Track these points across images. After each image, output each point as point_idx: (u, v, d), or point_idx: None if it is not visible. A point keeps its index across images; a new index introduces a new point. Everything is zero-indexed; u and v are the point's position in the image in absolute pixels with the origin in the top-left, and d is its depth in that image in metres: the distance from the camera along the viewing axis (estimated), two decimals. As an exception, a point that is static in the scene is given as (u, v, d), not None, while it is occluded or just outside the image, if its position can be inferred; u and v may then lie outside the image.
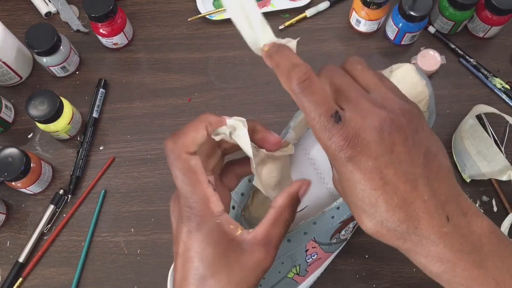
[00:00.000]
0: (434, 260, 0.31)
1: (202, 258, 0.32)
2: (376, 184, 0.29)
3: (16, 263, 0.55)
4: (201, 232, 0.32)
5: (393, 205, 0.29)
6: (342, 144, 0.29)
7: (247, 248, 0.32)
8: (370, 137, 0.29)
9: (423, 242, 0.30)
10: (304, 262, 0.47)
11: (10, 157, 0.53)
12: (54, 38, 0.58)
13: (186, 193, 0.32)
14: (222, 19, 0.66)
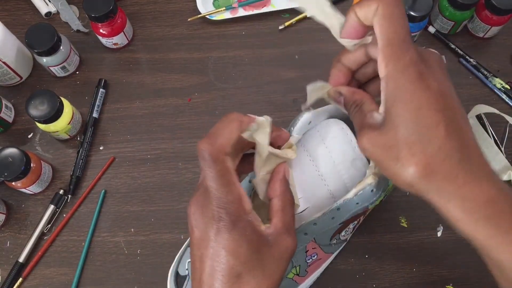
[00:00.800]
0: (484, 198, 0.31)
1: (238, 256, 0.32)
2: (440, 106, 0.30)
3: (16, 263, 0.55)
4: (236, 231, 0.32)
5: (451, 131, 0.30)
6: (416, 58, 0.31)
7: (273, 240, 0.34)
8: (435, 62, 0.32)
9: (477, 175, 0.30)
10: (304, 262, 0.47)
11: (10, 157, 0.53)
12: (54, 38, 0.58)
13: (221, 194, 0.33)
14: (222, 19, 0.66)
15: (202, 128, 0.61)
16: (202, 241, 0.33)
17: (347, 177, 0.44)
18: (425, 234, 0.56)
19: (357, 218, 0.46)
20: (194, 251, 0.34)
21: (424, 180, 0.31)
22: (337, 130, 0.44)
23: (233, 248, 0.32)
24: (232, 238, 0.32)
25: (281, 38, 0.65)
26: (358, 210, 0.44)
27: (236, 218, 0.33)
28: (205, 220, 0.33)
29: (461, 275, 0.54)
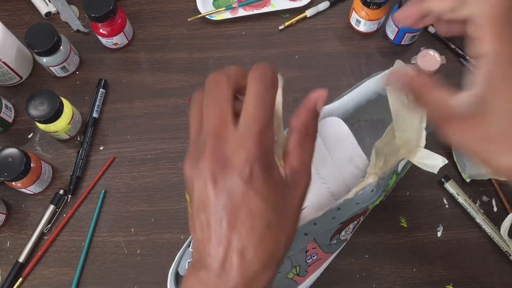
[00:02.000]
0: None
1: (269, 203, 0.29)
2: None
3: (16, 263, 0.55)
4: (270, 173, 0.29)
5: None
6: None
7: (291, 181, 0.31)
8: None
9: None
10: (304, 262, 0.47)
11: (10, 157, 0.53)
12: (54, 38, 0.58)
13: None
14: (222, 19, 0.66)
15: (202, 128, 0.61)
16: (219, 191, 0.29)
17: (347, 175, 0.44)
18: (425, 234, 0.56)
19: (357, 218, 0.46)
20: (203, 205, 0.30)
21: None
22: (335, 129, 0.44)
23: (266, 193, 0.29)
24: (266, 183, 0.29)
25: (281, 38, 0.65)
26: (358, 210, 0.44)
27: (272, 159, 0.30)
28: (215, 169, 0.29)
29: (461, 275, 0.54)
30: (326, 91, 0.33)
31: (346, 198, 0.42)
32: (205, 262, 0.30)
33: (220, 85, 0.31)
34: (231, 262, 0.29)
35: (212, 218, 0.29)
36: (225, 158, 0.29)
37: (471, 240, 0.55)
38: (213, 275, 0.29)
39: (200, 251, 0.31)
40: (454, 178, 0.57)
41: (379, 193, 0.43)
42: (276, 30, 0.65)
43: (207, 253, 0.30)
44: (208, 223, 0.30)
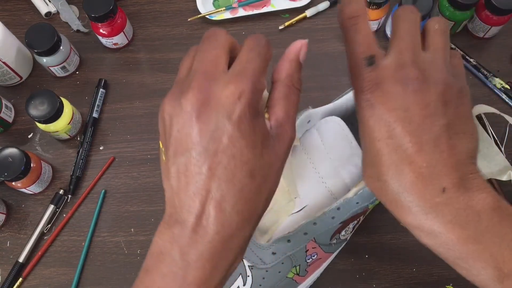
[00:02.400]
0: (426, 231, 0.31)
1: (255, 152, 0.28)
2: (381, 134, 0.30)
3: (16, 263, 0.55)
4: (257, 120, 0.28)
5: (391, 161, 0.29)
6: (364, 86, 0.30)
7: (276, 134, 0.29)
8: (392, 88, 0.29)
9: (414, 210, 0.30)
10: (304, 262, 0.47)
11: (10, 157, 0.53)
12: (54, 38, 0.58)
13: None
14: (222, 19, 0.66)
15: (202, 128, 0.61)
16: (202, 130, 0.27)
17: (346, 175, 0.44)
18: (425, 234, 0.56)
19: (357, 217, 0.46)
20: (180, 148, 0.29)
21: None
22: (334, 128, 0.44)
23: (252, 139, 0.27)
24: (253, 128, 0.27)
25: (281, 38, 0.65)
26: (358, 210, 0.44)
27: (261, 107, 0.29)
28: (215, 110, 0.27)
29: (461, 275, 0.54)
30: (307, 41, 0.33)
31: (346, 197, 0.42)
32: (179, 217, 0.28)
33: (218, 35, 0.30)
34: (208, 215, 0.27)
35: (192, 162, 0.27)
36: (213, 94, 0.27)
37: (471, 240, 0.55)
38: (188, 231, 0.27)
39: (173, 204, 0.28)
40: (454, 178, 0.57)
41: None
42: (276, 30, 0.65)
43: (182, 205, 0.28)
44: (186, 168, 0.28)
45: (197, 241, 0.28)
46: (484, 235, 0.29)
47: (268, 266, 0.46)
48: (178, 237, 0.28)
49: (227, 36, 0.30)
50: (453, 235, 0.29)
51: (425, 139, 0.29)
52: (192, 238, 0.28)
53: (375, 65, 0.30)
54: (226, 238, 0.28)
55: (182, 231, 0.28)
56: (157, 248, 0.30)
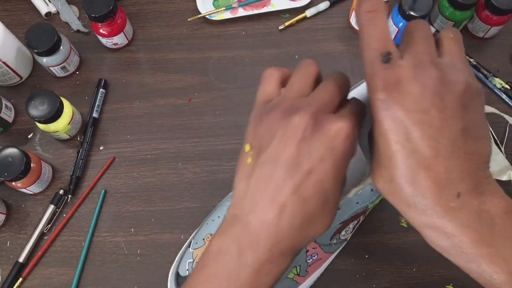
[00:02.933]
0: (439, 233, 0.30)
1: (336, 183, 0.31)
2: (399, 137, 0.29)
3: (16, 263, 0.55)
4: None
5: (407, 165, 0.29)
6: (380, 85, 0.29)
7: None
8: (411, 89, 0.29)
9: (428, 212, 0.30)
10: (305, 262, 0.47)
11: (10, 157, 0.53)
12: (54, 38, 0.58)
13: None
14: (222, 19, 0.66)
15: (202, 128, 0.61)
16: (302, 150, 0.30)
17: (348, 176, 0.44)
18: (425, 234, 0.56)
19: (357, 217, 0.46)
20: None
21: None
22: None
23: (341, 171, 0.31)
24: (345, 162, 0.31)
25: (281, 38, 0.65)
26: (358, 210, 0.44)
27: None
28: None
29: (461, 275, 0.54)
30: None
31: (346, 197, 0.42)
32: (246, 219, 0.30)
33: (338, 78, 0.33)
34: (275, 224, 0.29)
35: (280, 172, 0.30)
36: (325, 124, 0.30)
37: (471, 240, 0.55)
38: (251, 234, 0.30)
39: (242, 206, 0.31)
40: (454, 178, 0.57)
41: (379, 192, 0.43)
42: (276, 30, 0.65)
43: (253, 208, 0.30)
44: (272, 175, 0.30)
45: (258, 246, 0.30)
46: (497, 239, 0.29)
47: None
48: (239, 237, 0.30)
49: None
50: (467, 238, 0.29)
51: (443, 144, 0.29)
52: (253, 241, 0.30)
53: (392, 63, 0.29)
54: (284, 249, 0.30)
55: (245, 232, 0.30)
56: (216, 246, 0.31)
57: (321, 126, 0.30)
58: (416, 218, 0.30)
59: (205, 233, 0.51)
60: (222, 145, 0.60)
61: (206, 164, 0.59)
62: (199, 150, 0.60)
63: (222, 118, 0.61)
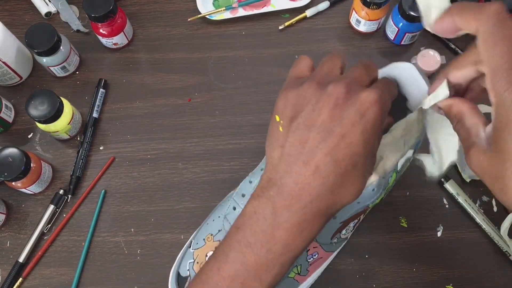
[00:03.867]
0: None
1: (366, 147, 0.33)
2: None
3: (16, 263, 0.55)
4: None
5: None
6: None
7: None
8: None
9: None
10: (305, 261, 0.47)
11: (10, 157, 0.53)
12: (54, 38, 0.58)
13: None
14: (222, 19, 0.66)
15: (202, 128, 0.61)
16: (335, 116, 0.32)
17: None
18: (425, 234, 0.56)
19: (358, 216, 0.46)
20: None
21: None
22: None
23: (372, 138, 0.33)
24: (377, 130, 0.33)
25: (281, 38, 0.65)
26: (359, 209, 0.44)
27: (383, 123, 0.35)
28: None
29: (461, 275, 0.54)
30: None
31: None
32: (280, 181, 0.32)
33: (368, 65, 0.37)
34: (309, 185, 0.31)
35: (314, 136, 0.32)
36: (356, 94, 0.32)
37: (471, 240, 0.55)
38: (286, 194, 0.32)
39: (277, 169, 0.33)
40: (454, 178, 0.57)
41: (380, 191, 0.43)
42: (276, 30, 0.65)
43: (288, 170, 0.32)
44: (306, 140, 0.32)
45: (292, 205, 0.32)
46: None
47: None
48: (274, 198, 0.32)
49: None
50: None
51: None
52: (287, 201, 0.32)
53: None
54: (316, 210, 0.32)
55: (279, 193, 0.32)
56: (251, 208, 0.33)
57: (352, 94, 0.32)
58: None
59: (205, 233, 0.51)
60: (222, 145, 0.60)
61: (206, 164, 0.59)
62: (199, 150, 0.60)
63: (222, 118, 0.61)
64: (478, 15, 0.32)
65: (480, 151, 0.32)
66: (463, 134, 0.34)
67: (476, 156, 0.32)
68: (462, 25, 0.34)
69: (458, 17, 0.33)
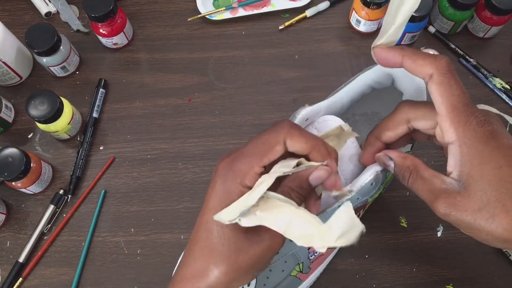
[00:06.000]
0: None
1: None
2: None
3: (16, 263, 0.55)
4: None
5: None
6: (483, 119, 0.33)
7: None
8: (494, 118, 0.34)
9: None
10: (307, 259, 0.47)
11: (10, 157, 0.53)
12: (54, 38, 0.58)
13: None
14: (222, 19, 0.66)
15: (202, 128, 0.61)
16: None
17: (347, 174, 0.44)
18: (425, 234, 0.56)
19: (357, 211, 0.46)
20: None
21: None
22: (334, 126, 0.44)
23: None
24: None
25: (281, 38, 0.65)
26: (358, 204, 0.44)
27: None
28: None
29: (461, 275, 0.54)
30: (328, 171, 0.37)
31: (351, 194, 0.42)
32: (184, 273, 0.35)
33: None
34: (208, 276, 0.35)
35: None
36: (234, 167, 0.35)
37: (471, 240, 0.55)
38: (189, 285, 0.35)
39: (185, 262, 0.37)
40: (454, 178, 0.57)
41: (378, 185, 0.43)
42: (276, 30, 0.65)
43: (187, 263, 0.36)
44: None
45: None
46: None
47: (272, 265, 0.46)
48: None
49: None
50: None
51: None
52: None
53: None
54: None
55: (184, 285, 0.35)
56: None
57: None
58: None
59: None
60: (222, 145, 0.60)
61: (206, 164, 0.59)
62: (199, 150, 0.60)
63: (222, 118, 0.61)
64: (433, 63, 0.35)
65: (454, 194, 0.34)
66: (422, 186, 0.36)
67: (451, 200, 0.34)
68: (412, 67, 0.36)
69: (410, 60, 0.36)
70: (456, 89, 0.34)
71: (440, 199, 0.34)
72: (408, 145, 0.47)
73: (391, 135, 0.40)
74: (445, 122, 0.34)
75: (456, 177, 0.34)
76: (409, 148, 0.48)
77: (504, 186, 0.32)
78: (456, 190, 0.34)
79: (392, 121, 0.40)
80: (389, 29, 0.37)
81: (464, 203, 0.33)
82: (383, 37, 0.38)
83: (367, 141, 0.42)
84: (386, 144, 0.41)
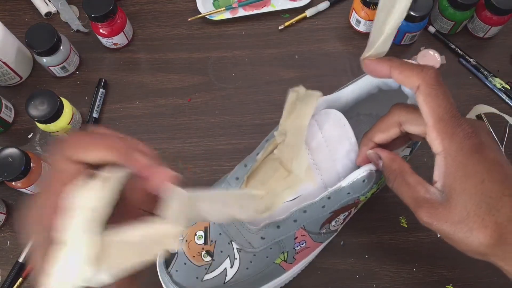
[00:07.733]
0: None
1: None
2: (500, 176, 0.32)
3: (16, 263, 0.55)
4: None
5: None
6: (470, 131, 0.33)
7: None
8: (483, 131, 0.34)
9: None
10: (292, 249, 0.47)
11: (10, 157, 0.53)
12: (54, 38, 0.58)
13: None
14: (222, 19, 0.66)
15: (202, 128, 0.61)
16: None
17: (341, 168, 0.44)
18: (425, 234, 0.56)
19: (348, 209, 0.46)
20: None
21: (497, 248, 0.33)
22: (335, 121, 0.44)
23: None
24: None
25: (281, 38, 0.65)
26: (349, 200, 0.44)
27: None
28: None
29: (461, 275, 0.54)
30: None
31: (337, 187, 0.42)
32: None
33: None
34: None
35: None
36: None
37: (471, 240, 0.55)
38: None
39: None
40: (454, 178, 0.57)
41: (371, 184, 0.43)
42: (276, 30, 0.65)
43: None
44: None
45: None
46: None
47: (256, 250, 0.46)
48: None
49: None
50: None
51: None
52: None
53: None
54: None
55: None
56: None
57: None
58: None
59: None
60: (222, 145, 0.60)
61: (206, 164, 0.59)
62: (199, 150, 0.60)
63: (222, 118, 0.61)
64: (420, 74, 0.35)
65: (436, 204, 0.34)
66: (406, 191, 0.37)
67: (433, 210, 0.34)
68: (399, 78, 0.36)
69: (397, 71, 0.36)
70: (443, 100, 0.34)
71: (423, 208, 0.35)
72: (407, 149, 0.47)
73: (383, 137, 0.40)
74: (432, 133, 0.34)
75: (439, 188, 0.35)
76: (408, 152, 0.48)
77: (484, 201, 0.32)
78: (439, 201, 0.34)
79: (385, 123, 0.40)
80: (377, 41, 0.37)
81: (445, 214, 0.34)
82: (372, 48, 0.38)
83: (362, 142, 0.42)
84: (380, 145, 0.41)
